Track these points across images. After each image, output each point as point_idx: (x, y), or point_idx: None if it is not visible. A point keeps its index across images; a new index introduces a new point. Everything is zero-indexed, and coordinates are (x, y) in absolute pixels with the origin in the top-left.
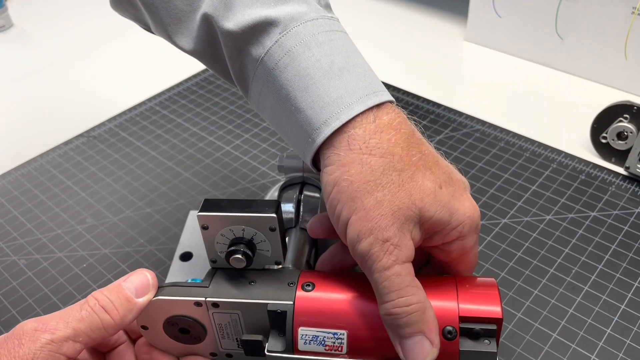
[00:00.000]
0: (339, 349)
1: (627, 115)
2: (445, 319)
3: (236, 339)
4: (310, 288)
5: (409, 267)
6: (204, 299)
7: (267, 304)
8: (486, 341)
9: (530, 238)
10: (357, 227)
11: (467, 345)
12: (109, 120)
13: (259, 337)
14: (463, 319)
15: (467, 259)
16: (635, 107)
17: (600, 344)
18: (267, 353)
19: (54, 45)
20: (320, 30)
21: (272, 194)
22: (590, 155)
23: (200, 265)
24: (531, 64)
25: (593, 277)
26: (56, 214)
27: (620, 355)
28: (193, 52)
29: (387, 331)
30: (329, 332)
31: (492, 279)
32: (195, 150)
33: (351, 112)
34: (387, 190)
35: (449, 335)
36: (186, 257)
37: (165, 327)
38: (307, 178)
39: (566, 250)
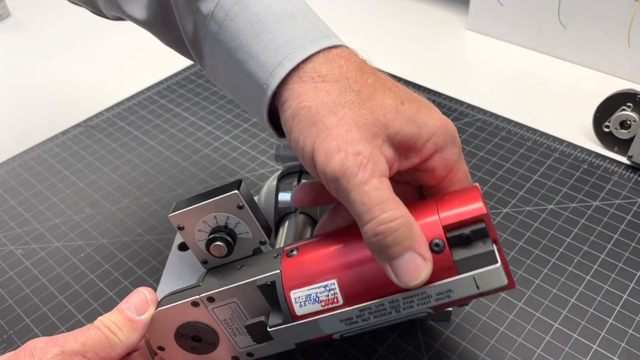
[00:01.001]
0: (335, 300)
1: (630, 104)
2: (430, 234)
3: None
4: (295, 253)
5: (387, 182)
6: (198, 296)
7: (256, 280)
8: (480, 243)
9: (532, 227)
10: (324, 148)
11: (460, 253)
12: (107, 110)
13: (261, 319)
14: (447, 227)
15: (456, 177)
16: (638, 96)
17: (602, 333)
18: (269, 330)
19: (51, 34)
20: None
21: (270, 183)
22: (593, 144)
23: None
24: (533, 53)
25: (595, 267)
26: (54, 203)
27: (622, 345)
28: (146, 22)
29: (375, 257)
30: (319, 287)
31: (475, 184)
32: (193, 139)
33: (305, 52)
34: (347, 109)
35: (436, 248)
36: (184, 246)
37: (178, 341)
38: (305, 175)
39: (568, 240)
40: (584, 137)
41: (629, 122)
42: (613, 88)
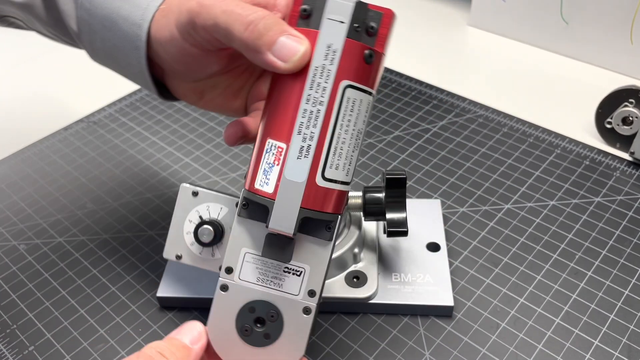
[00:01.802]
0: (279, 150)
1: (632, 100)
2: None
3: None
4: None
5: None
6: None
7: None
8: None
9: (534, 224)
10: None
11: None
12: (109, 106)
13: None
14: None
15: None
16: None
17: (604, 329)
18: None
19: None
20: None
21: None
22: (595, 140)
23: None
24: (536, 49)
25: (597, 263)
26: (56, 199)
27: (624, 340)
28: (27, 4)
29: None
30: (264, 157)
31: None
32: (195, 135)
33: None
34: None
35: (370, 59)
36: None
37: (241, 333)
38: None
39: (569, 236)
40: (586, 133)
41: (631, 118)
42: (615, 84)
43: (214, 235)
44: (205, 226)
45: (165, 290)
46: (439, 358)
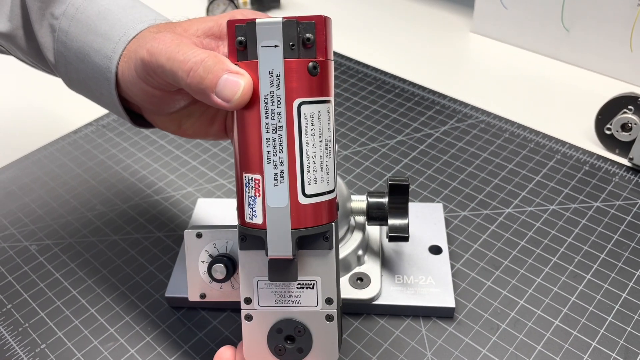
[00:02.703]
0: (257, 183)
1: (631, 107)
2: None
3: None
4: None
5: (188, 42)
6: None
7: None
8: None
9: (534, 227)
10: (155, 50)
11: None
12: None
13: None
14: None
15: None
16: (639, 99)
17: (602, 331)
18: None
19: None
20: None
21: None
22: (595, 146)
23: None
24: (537, 56)
25: (595, 266)
26: (66, 201)
27: (621, 342)
28: (9, 34)
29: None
30: (246, 198)
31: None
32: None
33: (144, 25)
34: (165, 32)
35: (314, 71)
36: None
37: (276, 354)
38: None
39: (569, 240)
40: (586, 139)
41: (630, 124)
42: (615, 91)
43: (226, 270)
44: (216, 265)
45: (173, 290)
46: (441, 358)
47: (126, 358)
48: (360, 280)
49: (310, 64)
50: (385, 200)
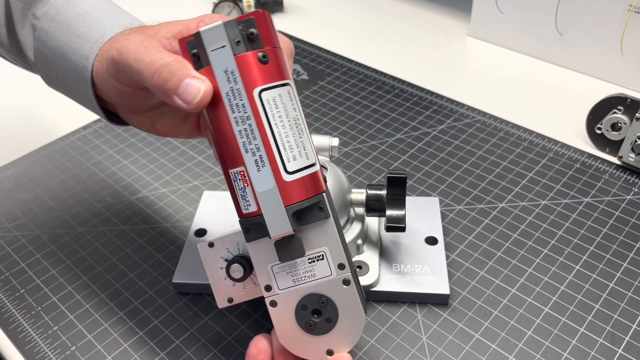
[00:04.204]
0: (244, 174)
1: (621, 107)
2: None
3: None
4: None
5: (157, 44)
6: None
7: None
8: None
9: (526, 221)
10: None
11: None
12: None
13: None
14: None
15: None
16: (629, 100)
17: (589, 318)
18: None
19: None
20: None
21: None
22: (586, 145)
23: None
24: (531, 59)
25: (584, 258)
26: (76, 192)
27: (608, 328)
28: None
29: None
30: (237, 192)
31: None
32: None
33: (121, 27)
34: (136, 33)
35: (264, 59)
36: (201, 233)
37: (308, 330)
38: None
39: (560, 233)
40: (578, 138)
41: (619, 124)
42: (605, 92)
43: (242, 268)
44: (232, 265)
45: (180, 276)
46: (436, 342)
47: (135, 339)
48: (359, 268)
49: (260, 53)
50: (383, 192)
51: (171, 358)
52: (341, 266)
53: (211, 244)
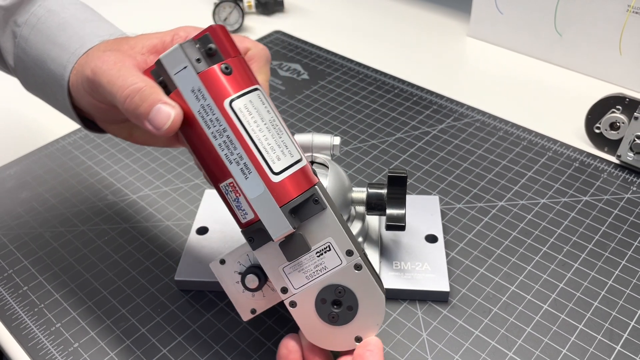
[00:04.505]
0: (236, 189)
1: (619, 107)
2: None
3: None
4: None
5: (130, 66)
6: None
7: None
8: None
9: (525, 219)
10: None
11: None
12: None
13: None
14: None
15: None
16: (627, 99)
17: (588, 315)
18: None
19: None
20: (73, 1)
21: None
22: (584, 144)
23: (215, 239)
24: (531, 59)
25: (583, 256)
26: (78, 191)
27: (606, 325)
28: None
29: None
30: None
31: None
32: None
33: (100, 39)
34: (110, 52)
35: (227, 71)
36: (202, 231)
37: (332, 322)
38: (315, 157)
39: (558, 231)
40: (576, 137)
41: (618, 124)
42: (604, 92)
43: (257, 277)
44: (247, 277)
45: (182, 274)
46: (435, 338)
47: (138, 336)
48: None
49: (222, 66)
50: (384, 191)
51: (173, 354)
52: (349, 252)
53: (222, 261)
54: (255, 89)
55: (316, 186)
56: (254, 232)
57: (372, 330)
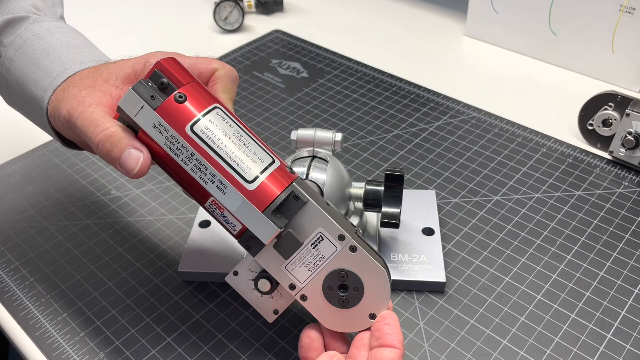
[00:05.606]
0: (221, 207)
1: (611, 104)
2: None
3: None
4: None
5: (102, 110)
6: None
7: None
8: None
9: (520, 213)
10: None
11: None
12: None
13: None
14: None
15: None
16: (619, 96)
17: (580, 304)
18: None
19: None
20: (60, 26)
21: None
22: (578, 140)
23: (218, 232)
24: (526, 58)
25: (576, 248)
26: (83, 186)
27: (598, 314)
28: None
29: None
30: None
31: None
32: None
33: (82, 65)
34: (86, 90)
35: (181, 99)
36: (205, 224)
37: (343, 306)
38: (317, 152)
39: (552, 224)
40: (570, 134)
41: (610, 120)
42: (597, 90)
43: (268, 280)
44: (258, 282)
45: (186, 265)
46: (432, 328)
47: (142, 325)
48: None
49: (175, 96)
50: (381, 188)
51: (177, 343)
52: (341, 237)
53: (235, 273)
54: (214, 108)
55: (294, 183)
56: (249, 240)
57: (383, 305)
